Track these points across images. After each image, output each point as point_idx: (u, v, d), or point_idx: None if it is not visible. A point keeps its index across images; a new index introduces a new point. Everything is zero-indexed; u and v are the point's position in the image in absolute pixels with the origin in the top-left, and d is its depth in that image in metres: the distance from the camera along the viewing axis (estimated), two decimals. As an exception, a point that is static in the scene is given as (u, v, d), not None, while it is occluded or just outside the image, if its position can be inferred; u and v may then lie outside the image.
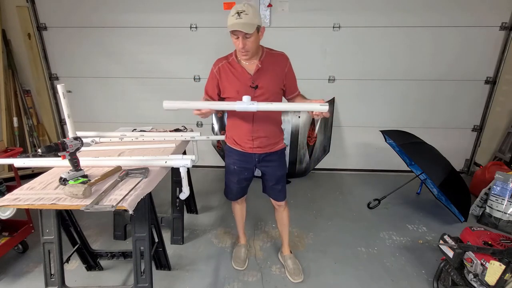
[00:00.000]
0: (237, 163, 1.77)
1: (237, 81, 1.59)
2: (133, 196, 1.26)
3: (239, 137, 1.71)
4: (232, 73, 1.60)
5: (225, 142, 1.83)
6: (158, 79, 3.34)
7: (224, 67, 1.62)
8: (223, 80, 1.62)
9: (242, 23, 1.39)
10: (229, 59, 1.63)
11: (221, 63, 1.63)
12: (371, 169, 3.60)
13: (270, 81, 1.59)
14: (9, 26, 3.22)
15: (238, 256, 2.05)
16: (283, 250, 2.06)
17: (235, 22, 1.40)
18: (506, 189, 2.40)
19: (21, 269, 1.95)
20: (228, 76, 1.61)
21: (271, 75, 1.60)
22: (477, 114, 3.34)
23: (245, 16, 1.39)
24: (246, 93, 1.48)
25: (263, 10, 3.02)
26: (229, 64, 1.62)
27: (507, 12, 2.95)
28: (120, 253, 1.90)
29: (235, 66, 1.60)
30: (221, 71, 1.62)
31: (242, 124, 1.67)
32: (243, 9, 1.41)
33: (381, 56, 3.15)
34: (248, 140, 1.68)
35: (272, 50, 1.65)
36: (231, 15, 1.42)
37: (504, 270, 1.44)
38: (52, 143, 1.28)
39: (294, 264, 1.96)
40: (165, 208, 2.68)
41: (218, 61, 1.66)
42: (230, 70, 1.61)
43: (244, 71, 1.59)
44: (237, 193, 1.93)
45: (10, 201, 1.22)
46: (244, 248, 2.12)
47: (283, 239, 2.04)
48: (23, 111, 3.39)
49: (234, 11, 1.42)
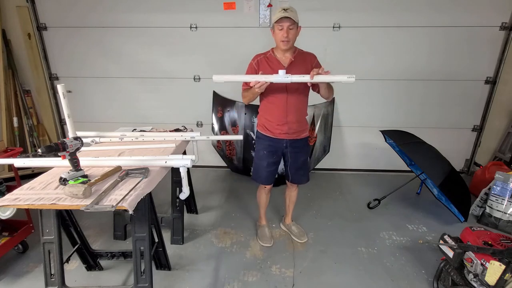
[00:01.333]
0: (267, 148, 2.02)
1: (273, 71, 1.80)
2: (133, 196, 1.26)
3: (271, 123, 1.97)
4: (269, 65, 1.88)
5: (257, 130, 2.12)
6: (158, 79, 3.34)
7: (262, 60, 1.90)
8: (259, 70, 1.88)
9: (289, 14, 1.69)
10: (267, 54, 1.92)
11: (259, 57, 1.92)
12: (371, 169, 3.60)
13: (301, 72, 1.78)
14: (9, 26, 3.22)
15: (264, 235, 2.27)
16: (287, 220, 2.40)
17: (284, 14, 1.69)
18: (506, 189, 2.40)
19: (21, 269, 1.95)
20: (265, 67, 1.88)
21: (301, 69, 1.84)
22: (477, 114, 3.34)
23: (291, 12, 1.71)
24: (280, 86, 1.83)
25: (263, 10, 3.02)
26: (266, 58, 1.91)
27: (507, 12, 2.95)
28: (120, 253, 1.90)
29: (271, 59, 1.89)
30: (259, 63, 1.90)
31: (275, 111, 1.94)
32: (288, 7, 1.73)
33: (381, 56, 3.15)
34: (278, 125, 1.95)
35: (302, 50, 1.96)
36: (278, 11, 1.73)
37: (504, 270, 1.44)
38: (52, 143, 1.28)
39: (298, 229, 2.33)
40: (165, 208, 2.68)
41: (256, 56, 1.94)
42: (267, 62, 1.89)
43: (279, 63, 1.87)
44: (266, 177, 2.09)
45: (10, 201, 1.22)
46: (267, 227, 2.34)
47: (288, 211, 2.36)
48: (23, 111, 3.39)
49: (281, 8, 1.73)
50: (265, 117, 2.00)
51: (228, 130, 3.33)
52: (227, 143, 3.38)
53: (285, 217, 2.43)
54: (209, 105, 3.37)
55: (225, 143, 3.39)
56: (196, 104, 3.42)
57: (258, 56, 1.94)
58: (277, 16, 1.72)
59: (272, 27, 1.83)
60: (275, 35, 1.82)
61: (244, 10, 3.04)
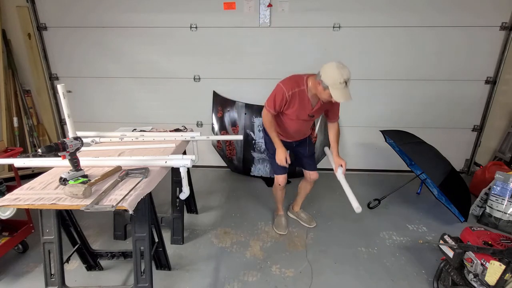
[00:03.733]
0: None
1: (301, 109, 1.96)
2: (133, 196, 1.26)
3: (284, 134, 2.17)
4: (300, 102, 1.94)
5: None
6: (158, 79, 3.34)
7: (295, 95, 1.91)
8: (291, 103, 1.94)
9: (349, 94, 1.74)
10: (301, 87, 1.90)
11: (294, 90, 1.89)
12: (371, 169, 3.60)
13: (321, 111, 2.05)
14: (9, 26, 3.21)
15: (280, 224, 2.41)
16: (295, 207, 2.56)
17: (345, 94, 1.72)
18: (506, 189, 2.40)
19: (21, 269, 1.95)
20: (296, 103, 1.94)
21: (324, 108, 2.01)
22: (477, 114, 3.33)
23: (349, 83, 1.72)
24: (303, 117, 2.01)
25: (263, 10, 3.02)
26: (300, 93, 1.91)
27: (507, 12, 2.94)
28: (120, 253, 1.90)
29: (303, 97, 1.92)
30: (292, 97, 1.91)
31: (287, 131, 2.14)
32: (349, 76, 1.71)
33: (381, 56, 3.15)
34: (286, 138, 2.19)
35: None
36: (339, 81, 1.68)
37: (504, 270, 1.44)
38: (52, 143, 1.28)
39: (307, 215, 2.51)
40: (165, 208, 2.68)
41: (291, 86, 1.90)
42: (300, 99, 1.92)
43: (309, 104, 1.95)
44: (282, 168, 2.18)
45: (10, 201, 1.23)
46: (284, 217, 2.48)
47: (299, 200, 2.52)
48: (23, 111, 3.39)
49: (342, 79, 1.68)
50: (280, 130, 2.17)
51: (228, 130, 3.34)
52: (227, 143, 3.38)
53: (293, 205, 2.57)
54: (209, 105, 3.37)
55: (225, 143, 3.39)
56: (196, 104, 3.42)
57: (292, 87, 1.89)
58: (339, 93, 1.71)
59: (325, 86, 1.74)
60: (321, 92, 1.79)
61: (244, 10, 3.04)
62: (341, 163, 2.06)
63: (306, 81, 1.89)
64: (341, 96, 1.71)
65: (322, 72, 1.75)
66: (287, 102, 1.91)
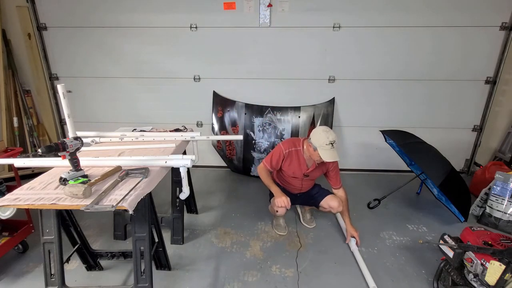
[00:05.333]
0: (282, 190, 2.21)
1: (296, 167, 2.14)
2: (133, 196, 1.26)
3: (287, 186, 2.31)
4: (295, 161, 2.13)
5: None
6: (158, 79, 3.34)
7: (292, 153, 2.12)
8: (287, 161, 2.14)
9: (336, 154, 1.91)
10: (297, 148, 2.12)
11: (291, 149, 2.12)
12: (371, 169, 3.60)
13: (316, 173, 2.21)
14: (9, 26, 3.22)
15: (279, 224, 2.40)
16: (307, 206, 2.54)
17: (332, 154, 1.90)
18: (506, 189, 2.40)
19: (21, 269, 1.95)
20: (292, 161, 2.14)
21: (318, 170, 2.18)
22: (477, 114, 3.33)
23: (335, 145, 1.89)
24: (298, 176, 2.18)
25: (263, 10, 3.02)
26: (296, 152, 2.12)
27: (507, 12, 2.94)
28: (120, 253, 1.90)
29: (299, 157, 2.13)
30: (289, 155, 2.13)
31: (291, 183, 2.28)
32: (334, 139, 1.90)
33: (381, 56, 3.15)
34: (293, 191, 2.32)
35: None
36: (325, 143, 1.88)
37: (504, 270, 1.44)
38: (52, 143, 1.28)
39: (311, 216, 2.53)
40: (165, 208, 2.68)
41: (288, 145, 2.13)
42: (296, 158, 2.13)
43: (304, 164, 2.14)
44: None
45: (10, 201, 1.22)
46: (282, 218, 2.44)
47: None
48: (23, 111, 3.39)
49: (328, 141, 1.88)
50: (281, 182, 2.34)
51: (228, 130, 3.33)
52: (227, 143, 3.38)
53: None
54: (209, 105, 3.37)
55: (225, 143, 3.39)
56: (196, 104, 3.42)
57: (290, 146, 2.12)
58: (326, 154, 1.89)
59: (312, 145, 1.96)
60: (312, 153, 1.99)
61: (244, 10, 3.04)
62: (353, 234, 2.15)
63: (302, 143, 2.12)
64: (328, 156, 1.90)
65: (311, 135, 1.99)
66: (284, 158, 2.13)
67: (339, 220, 2.51)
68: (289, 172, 2.19)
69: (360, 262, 2.00)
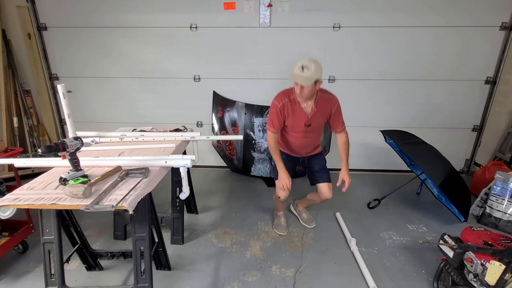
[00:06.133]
0: (284, 159, 2.11)
1: (295, 118, 1.99)
2: (133, 196, 1.26)
3: (288, 149, 2.21)
4: (292, 112, 1.98)
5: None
6: (158, 79, 3.34)
7: (286, 105, 1.97)
8: (284, 115, 2.00)
9: (302, 77, 1.74)
10: (290, 97, 1.96)
11: (284, 101, 1.96)
12: (371, 169, 3.60)
13: (320, 120, 2.04)
14: (9, 26, 3.21)
15: (280, 224, 2.40)
16: (300, 206, 2.53)
17: (297, 75, 1.76)
18: (506, 189, 2.40)
19: (21, 269, 1.95)
20: (289, 113, 1.99)
21: (321, 117, 2.02)
22: (477, 114, 3.33)
23: (307, 71, 1.73)
24: (300, 128, 2.02)
25: (263, 10, 3.02)
26: (290, 103, 1.96)
27: (507, 12, 2.94)
28: (120, 253, 1.90)
29: (295, 106, 1.97)
30: (284, 108, 1.97)
31: (293, 145, 2.16)
32: (307, 64, 1.74)
33: (381, 56, 3.15)
34: (293, 152, 2.22)
35: (325, 93, 2.00)
36: (297, 67, 1.77)
37: (504, 270, 1.44)
38: (52, 143, 1.28)
39: (308, 215, 2.49)
40: (165, 208, 2.68)
41: (280, 98, 1.97)
42: (291, 108, 1.97)
43: (302, 112, 1.98)
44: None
45: (10, 201, 1.22)
46: (283, 217, 2.45)
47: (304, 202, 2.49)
48: (23, 111, 3.39)
49: (300, 64, 1.75)
50: (284, 145, 2.23)
51: (228, 130, 3.33)
52: (227, 143, 3.38)
53: (298, 203, 2.56)
54: (209, 105, 3.37)
55: (225, 143, 3.39)
56: (196, 104, 3.42)
57: (282, 98, 1.97)
58: (293, 74, 1.78)
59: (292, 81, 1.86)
60: (296, 91, 1.88)
61: (244, 10, 3.04)
62: (344, 179, 2.09)
63: (294, 91, 1.95)
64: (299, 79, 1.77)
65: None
66: (281, 113, 1.99)
67: (339, 220, 2.51)
68: (290, 128, 2.06)
69: (360, 262, 2.00)
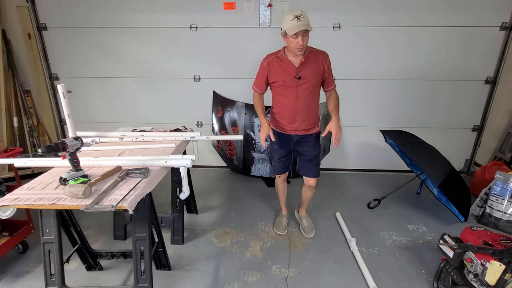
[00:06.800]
0: (278, 142, 2.12)
1: (284, 72, 1.93)
2: (133, 196, 1.26)
3: (282, 120, 2.07)
4: (280, 66, 1.94)
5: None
6: (158, 79, 3.34)
7: (273, 61, 1.95)
8: (272, 71, 1.96)
9: (304, 24, 1.72)
10: (278, 54, 1.96)
11: (271, 57, 1.96)
12: (371, 169, 3.60)
13: (311, 73, 1.92)
14: (9, 26, 3.21)
15: (280, 223, 2.41)
16: (301, 211, 2.48)
17: (298, 24, 1.72)
18: (506, 189, 2.40)
19: (21, 269, 1.95)
20: (276, 68, 1.94)
21: (312, 68, 1.93)
22: (477, 114, 3.33)
23: (303, 19, 1.74)
24: (291, 83, 1.92)
25: (263, 10, 3.02)
26: (277, 59, 1.95)
27: (507, 12, 2.94)
28: (120, 253, 1.90)
29: (283, 60, 1.93)
30: (271, 64, 1.96)
31: (285, 110, 2.03)
32: (300, 13, 1.75)
33: (381, 56, 3.15)
34: (288, 123, 2.05)
35: (314, 48, 1.98)
36: (290, 19, 1.74)
37: (504, 270, 1.44)
38: (52, 143, 1.28)
39: (308, 223, 2.40)
40: (165, 208, 2.68)
41: (268, 56, 1.99)
42: (279, 63, 1.94)
43: (290, 64, 1.92)
44: (280, 168, 2.25)
45: (10, 201, 1.23)
46: (285, 218, 2.47)
47: (303, 204, 2.43)
48: (23, 111, 3.39)
49: (293, 16, 1.74)
50: (277, 115, 2.10)
51: (228, 130, 3.33)
52: (227, 143, 3.38)
53: (299, 207, 2.53)
54: (209, 105, 3.37)
55: (225, 143, 3.39)
56: (196, 104, 3.42)
57: (269, 56, 1.98)
58: (291, 26, 1.73)
59: (284, 34, 1.83)
60: (289, 42, 1.83)
61: (244, 10, 3.04)
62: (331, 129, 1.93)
63: (282, 49, 1.97)
64: (294, 28, 1.73)
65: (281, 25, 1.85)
66: (267, 72, 1.97)
67: (339, 220, 2.51)
68: (279, 81, 1.94)
69: (360, 262, 2.00)
